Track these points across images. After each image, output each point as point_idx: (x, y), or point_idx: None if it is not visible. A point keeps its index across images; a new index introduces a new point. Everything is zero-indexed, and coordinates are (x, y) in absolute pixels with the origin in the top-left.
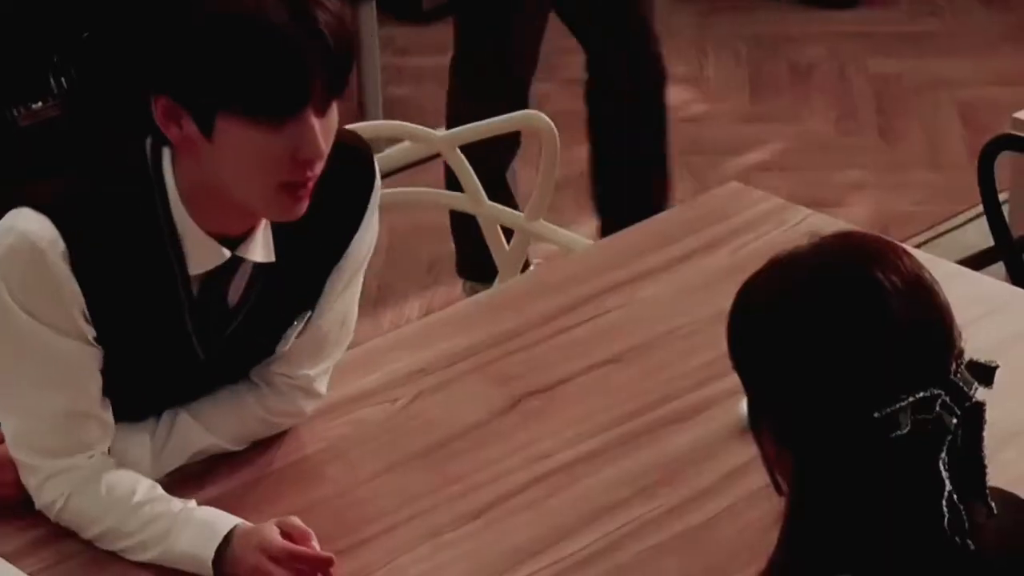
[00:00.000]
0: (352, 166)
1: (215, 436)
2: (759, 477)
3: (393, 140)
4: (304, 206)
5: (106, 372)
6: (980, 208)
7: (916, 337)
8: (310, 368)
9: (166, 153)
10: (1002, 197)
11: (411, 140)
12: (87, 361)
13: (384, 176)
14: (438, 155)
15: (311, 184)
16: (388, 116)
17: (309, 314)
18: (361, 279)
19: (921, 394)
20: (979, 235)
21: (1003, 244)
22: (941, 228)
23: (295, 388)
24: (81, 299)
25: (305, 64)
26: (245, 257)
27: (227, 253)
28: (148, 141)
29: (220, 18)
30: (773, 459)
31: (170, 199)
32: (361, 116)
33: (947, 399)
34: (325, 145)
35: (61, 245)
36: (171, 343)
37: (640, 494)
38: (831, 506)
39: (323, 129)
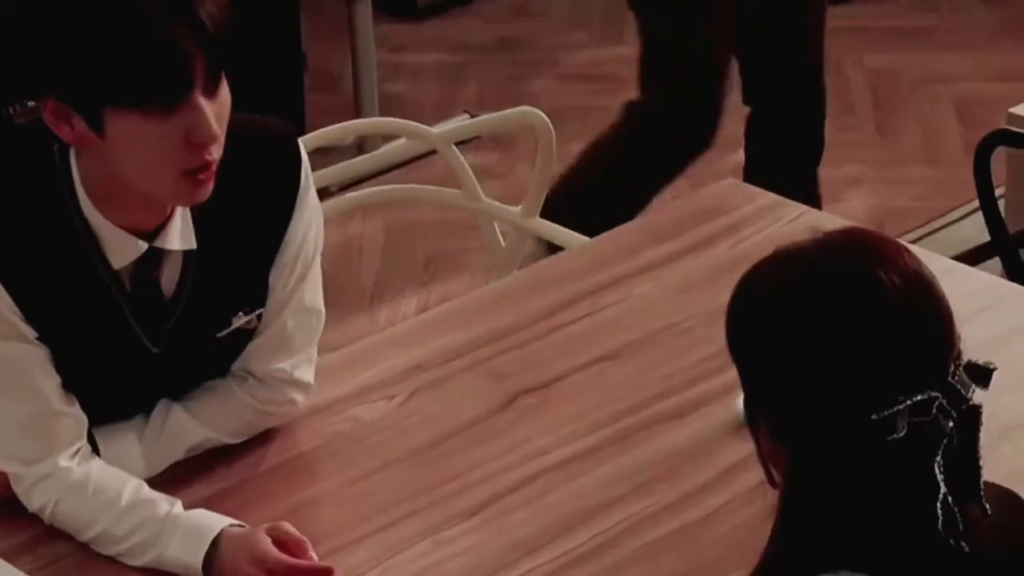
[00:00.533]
0: (276, 155)
1: (210, 429)
2: (756, 474)
3: (389, 137)
4: (209, 187)
5: (67, 374)
6: (976, 203)
7: (915, 338)
8: (283, 362)
9: (72, 150)
10: (998, 192)
11: (407, 137)
12: (36, 361)
13: (380, 173)
14: (434, 152)
15: (213, 166)
16: (384, 113)
17: (260, 310)
18: (317, 273)
19: (918, 397)
20: (975, 230)
21: (999, 240)
22: (937, 223)
23: (279, 380)
24: (10, 300)
25: (183, 47)
26: (163, 247)
27: (143, 245)
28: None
29: (92, 13)
30: (768, 453)
31: (79, 196)
32: (357, 113)
33: (944, 402)
34: (219, 127)
35: None
36: (117, 338)
37: (637, 491)
38: (824, 503)
39: (215, 110)
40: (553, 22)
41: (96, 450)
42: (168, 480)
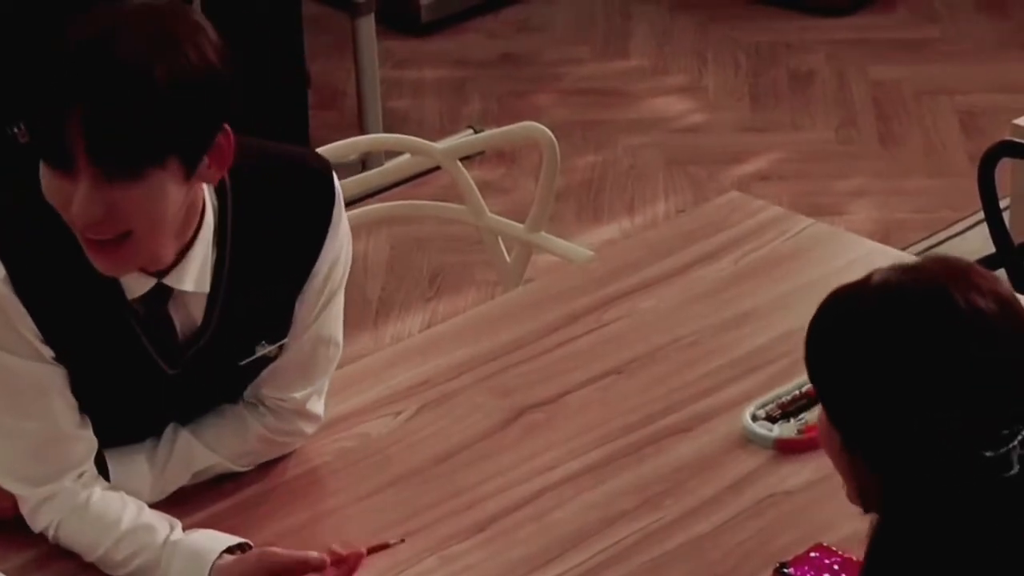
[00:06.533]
0: (309, 188)
1: (217, 454)
2: (763, 487)
3: (393, 153)
4: (113, 267)
5: (83, 395)
6: (981, 215)
7: (1016, 367)
8: (299, 391)
9: None
10: (1003, 204)
11: (411, 153)
12: (53, 381)
13: (384, 189)
14: (438, 167)
15: (111, 247)
16: (388, 129)
17: (284, 341)
18: (340, 301)
19: None
20: (980, 242)
21: (1004, 251)
22: (942, 235)
23: (289, 411)
24: (30, 320)
25: (62, 129)
26: (173, 287)
27: (151, 281)
28: None
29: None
30: (864, 481)
31: None
32: (361, 129)
33: None
34: (105, 214)
35: (1, 270)
36: (132, 360)
37: (644, 505)
38: (925, 536)
39: (113, 196)
40: (556, 37)
41: (106, 471)
42: (176, 497)
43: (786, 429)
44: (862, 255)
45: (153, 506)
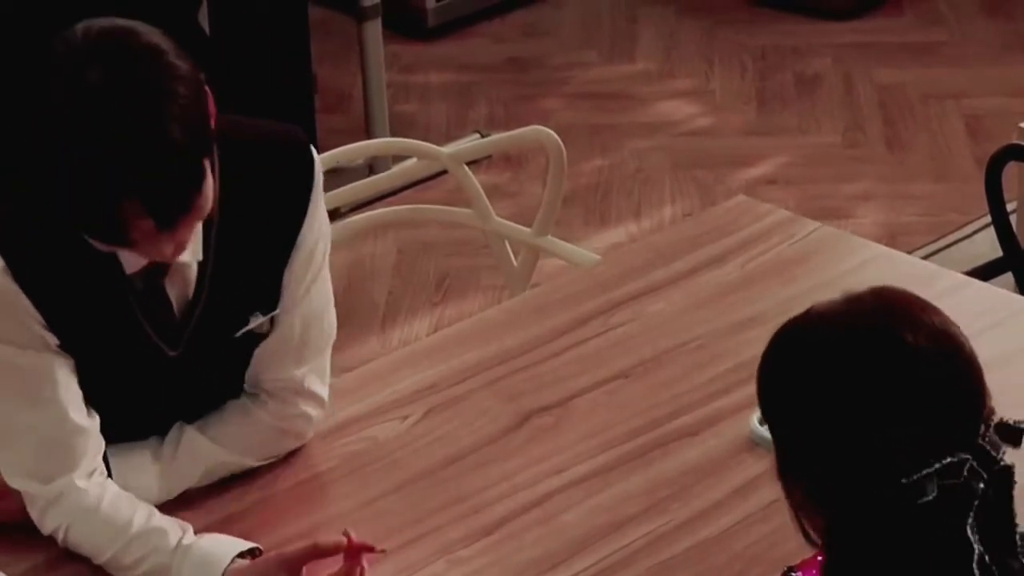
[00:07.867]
0: (289, 163)
1: (225, 449)
2: (769, 491)
3: (400, 157)
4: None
5: (88, 387)
6: (988, 218)
7: (944, 401)
8: (293, 370)
9: None
10: (1010, 207)
11: (418, 157)
12: (58, 371)
13: (391, 193)
14: (445, 171)
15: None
16: (394, 133)
17: (274, 313)
18: (327, 276)
19: (948, 460)
20: (987, 245)
21: (1011, 254)
22: (949, 239)
23: (289, 391)
24: (32, 308)
25: (120, 219)
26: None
27: None
28: None
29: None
30: (805, 513)
31: None
32: (368, 134)
33: (975, 464)
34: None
35: (0, 261)
36: (132, 341)
37: (651, 509)
38: (863, 567)
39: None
40: (562, 41)
41: (109, 472)
42: (185, 501)
43: None
44: (869, 259)
45: (162, 510)
